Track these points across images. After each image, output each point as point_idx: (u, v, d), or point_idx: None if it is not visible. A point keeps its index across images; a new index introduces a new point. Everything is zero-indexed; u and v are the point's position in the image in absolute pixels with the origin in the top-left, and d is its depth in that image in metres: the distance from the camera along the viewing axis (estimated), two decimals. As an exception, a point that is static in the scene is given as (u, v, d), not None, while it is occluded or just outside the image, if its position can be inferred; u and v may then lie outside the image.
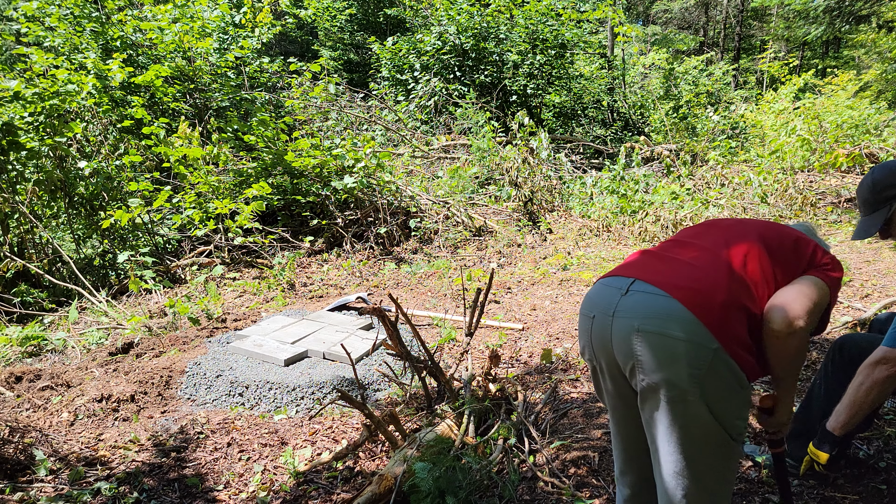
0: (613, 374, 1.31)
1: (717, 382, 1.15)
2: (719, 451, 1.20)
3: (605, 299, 1.29)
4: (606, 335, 1.25)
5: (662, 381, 1.16)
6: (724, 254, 1.28)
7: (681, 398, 1.15)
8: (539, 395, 2.80)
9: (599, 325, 1.28)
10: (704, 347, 1.13)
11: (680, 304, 1.16)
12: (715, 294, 1.18)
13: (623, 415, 1.37)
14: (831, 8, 7.93)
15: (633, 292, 1.24)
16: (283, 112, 8.11)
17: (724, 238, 1.34)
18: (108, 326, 3.99)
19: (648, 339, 1.17)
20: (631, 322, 1.20)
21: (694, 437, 1.18)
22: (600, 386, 1.39)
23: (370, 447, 2.37)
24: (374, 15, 15.00)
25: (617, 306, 1.24)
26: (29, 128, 4.69)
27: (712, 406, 1.15)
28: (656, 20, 26.00)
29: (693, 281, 1.21)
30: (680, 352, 1.14)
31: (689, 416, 1.16)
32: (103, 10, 7.15)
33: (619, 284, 1.28)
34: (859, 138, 8.62)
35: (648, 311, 1.19)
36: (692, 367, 1.13)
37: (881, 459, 2.06)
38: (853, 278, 4.12)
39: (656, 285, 1.22)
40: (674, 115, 10.38)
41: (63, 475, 2.15)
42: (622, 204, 6.33)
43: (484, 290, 2.73)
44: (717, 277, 1.22)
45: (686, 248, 1.35)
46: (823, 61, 21.87)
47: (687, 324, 1.14)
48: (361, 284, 5.01)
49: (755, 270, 1.25)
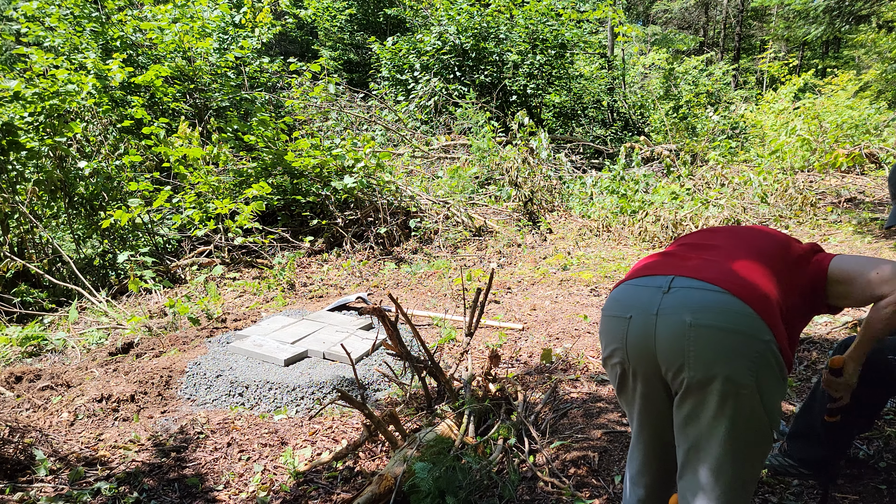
0: (648, 376, 1.28)
1: (770, 374, 1.15)
2: (762, 443, 1.21)
3: (643, 299, 1.26)
4: (649, 335, 1.23)
5: (718, 375, 1.14)
6: (744, 252, 1.30)
7: (735, 392, 1.14)
8: (539, 395, 2.80)
9: (639, 326, 1.24)
10: (759, 340, 1.14)
11: (732, 297, 1.16)
12: (757, 287, 1.19)
13: (649, 417, 1.36)
14: (831, 8, 7.94)
15: (677, 289, 1.22)
16: (283, 112, 8.11)
17: (735, 238, 1.37)
18: (108, 326, 3.99)
19: (702, 333, 1.15)
20: (682, 317, 1.17)
21: (741, 431, 1.17)
22: (627, 388, 1.36)
23: (370, 447, 2.37)
24: (374, 15, 15.00)
25: (661, 304, 1.21)
26: (29, 128, 4.69)
27: (764, 398, 1.16)
28: (656, 20, 26.01)
29: (734, 275, 1.22)
30: (736, 345, 1.14)
31: (740, 410, 1.16)
32: (103, 10, 7.15)
33: (656, 283, 1.26)
34: (859, 138, 8.62)
35: (700, 305, 1.17)
36: (749, 360, 1.13)
37: (881, 459, 2.06)
38: (853, 278, 4.11)
39: (701, 279, 1.21)
40: (674, 115, 10.38)
41: (63, 475, 2.15)
42: (622, 204, 6.33)
43: (484, 290, 2.73)
44: (752, 271, 1.24)
45: (703, 250, 1.35)
46: (823, 61, 21.88)
47: (741, 316, 1.15)
48: (361, 284, 5.01)
49: (775, 265, 1.28)
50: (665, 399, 1.31)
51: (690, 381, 1.18)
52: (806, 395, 2.55)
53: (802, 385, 2.67)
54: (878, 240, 5.10)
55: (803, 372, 2.80)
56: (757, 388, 1.14)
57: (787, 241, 1.39)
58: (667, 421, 1.33)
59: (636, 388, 1.33)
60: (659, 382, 1.28)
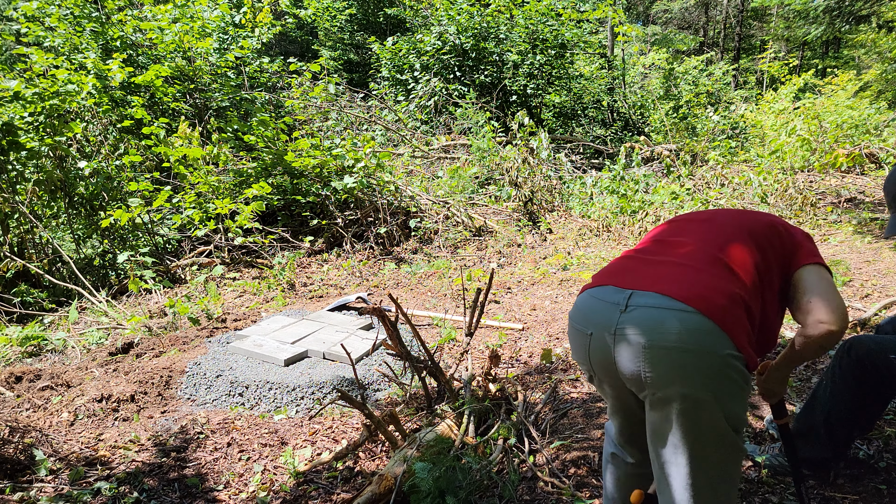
0: (616, 385, 1.32)
1: (729, 387, 1.16)
2: (731, 453, 1.21)
3: (601, 316, 1.26)
4: (608, 354, 1.24)
5: (676, 394, 1.15)
6: (712, 249, 1.28)
7: (694, 408, 1.15)
8: (539, 395, 2.80)
9: (599, 344, 1.25)
10: (715, 355, 1.13)
11: (688, 313, 1.15)
12: (717, 293, 1.18)
13: (624, 403, 1.39)
14: (831, 8, 7.94)
15: (634, 307, 1.21)
16: (283, 112, 8.11)
17: (707, 233, 1.35)
18: (108, 326, 3.99)
19: (658, 353, 1.16)
20: (638, 340, 1.17)
21: (706, 444, 1.18)
22: (596, 385, 1.42)
23: (370, 447, 2.37)
24: (374, 15, 15.00)
25: (618, 323, 1.21)
26: (29, 128, 4.69)
27: (725, 411, 1.16)
28: (656, 20, 26.01)
29: (692, 283, 1.21)
30: (692, 363, 1.14)
31: (702, 425, 1.17)
32: (103, 10, 7.15)
33: (614, 299, 1.25)
34: (859, 138, 8.62)
35: (654, 327, 1.16)
36: (705, 377, 1.14)
37: (881, 459, 2.06)
38: (853, 278, 4.11)
39: (657, 292, 1.20)
40: (674, 115, 10.38)
41: (63, 475, 2.15)
42: (622, 204, 6.33)
43: (484, 290, 2.73)
44: (714, 275, 1.22)
45: (671, 247, 1.34)
46: (823, 61, 21.87)
47: (697, 333, 1.14)
48: (361, 284, 5.01)
49: (746, 260, 1.27)
50: (635, 399, 1.34)
51: (652, 398, 1.20)
52: (807, 395, 2.55)
53: (803, 385, 2.67)
54: (878, 240, 5.10)
55: (803, 372, 2.80)
56: (716, 402, 1.15)
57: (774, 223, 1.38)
58: (640, 411, 1.37)
59: (607, 390, 1.38)
60: (626, 389, 1.31)
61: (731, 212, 1.42)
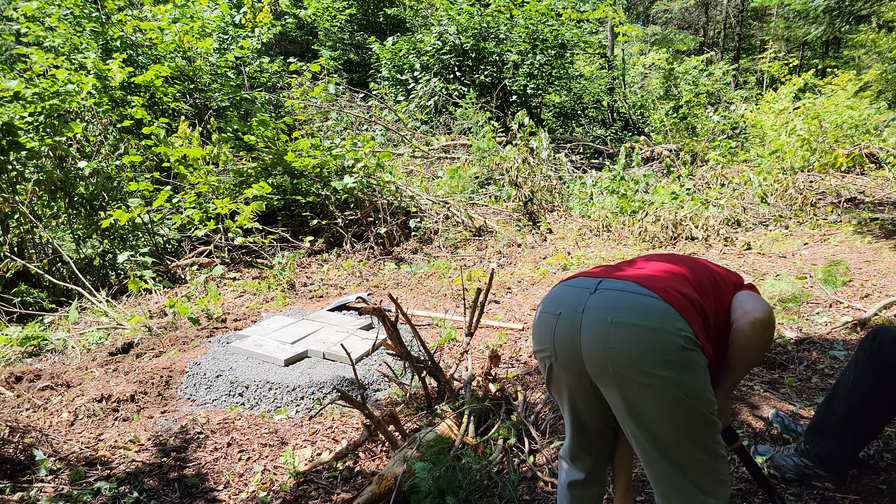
0: (574, 370, 1.35)
1: (689, 366, 1.20)
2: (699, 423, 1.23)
3: (572, 297, 1.34)
4: (575, 330, 1.30)
5: (638, 369, 1.21)
6: (676, 269, 1.41)
7: (655, 384, 1.20)
8: (539, 395, 2.80)
9: (566, 322, 1.32)
10: (674, 334, 1.19)
11: (651, 297, 1.24)
12: (678, 292, 1.28)
13: (580, 405, 1.42)
14: (831, 8, 7.93)
15: (603, 290, 1.31)
16: (283, 112, 8.11)
17: (671, 260, 1.47)
18: (108, 326, 3.99)
19: (622, 329, 1.22)
20: (604, 315, 1.25)
21: (673, 418, 1.22)
22: (553, 380, 1.44)
23: (370, 447, 2.37)
24: (374, 15, 15.01)
25: (587, 303, 1.30)
26: (29, 128, 4.69)
27: (688, 387, 1.21)
28: (656, 20, 26.01)
29: (657, 281, 1.31)
30: (652, 339, 1.20)
31: (664, 400, 1.21)
32: (103, 10, 7.15)
33: (585, 284, 1.36)
34: (859, 138, 8.62)
35: (621, 305, 1.25)
36: (665, 353, 1.19)
37: (881, 459, 2.06)
38: (853, 278, 4.11)
39: (626, 280, 1.31)
40: (674, 115, 10.38)
41: (63, 475, 2.15)
42: (622, 204, 6.33)
43: (484, 290, 2.73)
44: (676, 280, 1.34)
45: (637, 266, 1.46)
46: (823, 61, 21.87)
47: (658, 314, 1.21)
48: (361, 284, 5.01)
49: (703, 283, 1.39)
50: (592, 392, 1.38)
51: (614, 375, 1.24)
52: (806, 394, 2.55)
53: (802, 385, 2.67)
54: (879, 240, 5.10)
55: (803, 372, 2.80)
56: (678, 382, 1.19)
57: (717, 271, 1.49)
58: (595, 412, 1.42)
59: (563, 380, 1.40)
60: (585, 377, 1.35)
61: (688, 257, 1.56)
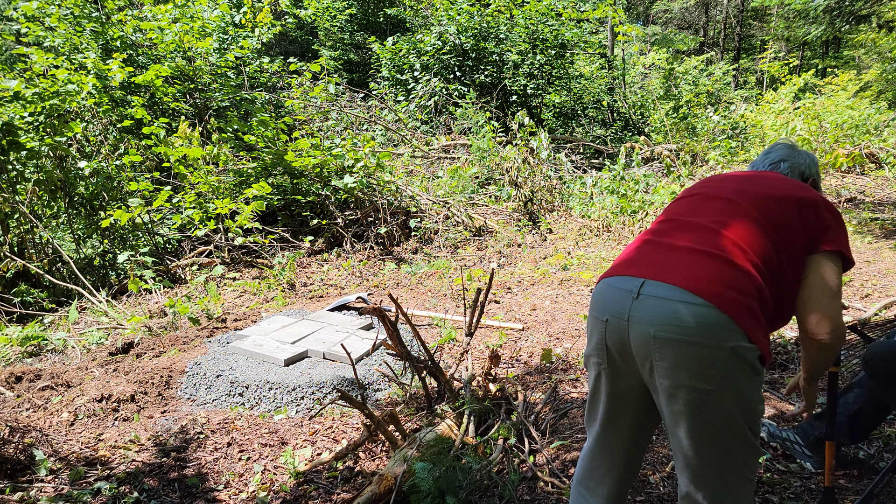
0: (628, 371, 1.30)
1: (737, 378, 1.15)
2: (743, 445, 1.20)
3: (615, 303, 1.27)
4: (624, 338, 1.25)
5: (683, 385, 1.17)
6: (725, 233, 1.27)
7: (701, 400, 1.16)
8: (539, 395, 2.80)
9: (615, 328, 1.27)
10: (721, 348, 1.14)
11: (697, 305, 1.15)
12: (730, 286, 1.18)
13: (620, 421, 1.38)
14: (831, 8, 7.93)
15: (644, 297, 1.22)
16: (283, 112, 8.10)
17: (724, 214, 1.31)
18: (108, 326, 3.99)
19: (665, 344, 1.17)
20: (647, 329, 1.20)
21: (716, 437, 1.18)
22: (599, 392, 1.38)
23: (370, 447, 2.37)
24: (374, 15, 15.00)
25: (630, 311, 1.23)
26: (29, 128, 4.69)
27: (735, 403, 1.16)
28: (656, 20, 26.00)
29: (705, 274, 1.20)
30: (698, 355, 1.15)
31: (710, 417, 1.17)
32: (103, 10, 7.15)
33: (627, 286, 1.26)
34: (859, 138, 8.62)
35: (663, 318, 1.18)
36: (712, 369, 1.14)
37: (881, 459, 2.06)
38: (853, 278, 4.12)
39: (669, 283, 1.20)
40: (674, 115, 10.37)
41: (63, 475, 2.15)
42: (622, 204, 6.33)
43: (484, 290, 2.73)
44: (727, 264, 1.21)
45: (684, 231, 1.33)
46: (823, 61, 21.86)
47: (704, 326, 1.14)
48: (361, 284, 5.01)
49: (763, 244, 1.25)
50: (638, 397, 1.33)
51: (661, 387, 1.21)
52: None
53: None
54: (879, 240, 5.10)
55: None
56: (723, 394, 1.15)
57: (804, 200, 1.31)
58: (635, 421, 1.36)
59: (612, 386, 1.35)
60: (635, 380, 1.31)
61: (756, 184, 1.36)
